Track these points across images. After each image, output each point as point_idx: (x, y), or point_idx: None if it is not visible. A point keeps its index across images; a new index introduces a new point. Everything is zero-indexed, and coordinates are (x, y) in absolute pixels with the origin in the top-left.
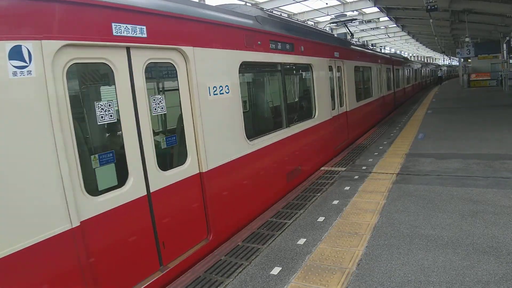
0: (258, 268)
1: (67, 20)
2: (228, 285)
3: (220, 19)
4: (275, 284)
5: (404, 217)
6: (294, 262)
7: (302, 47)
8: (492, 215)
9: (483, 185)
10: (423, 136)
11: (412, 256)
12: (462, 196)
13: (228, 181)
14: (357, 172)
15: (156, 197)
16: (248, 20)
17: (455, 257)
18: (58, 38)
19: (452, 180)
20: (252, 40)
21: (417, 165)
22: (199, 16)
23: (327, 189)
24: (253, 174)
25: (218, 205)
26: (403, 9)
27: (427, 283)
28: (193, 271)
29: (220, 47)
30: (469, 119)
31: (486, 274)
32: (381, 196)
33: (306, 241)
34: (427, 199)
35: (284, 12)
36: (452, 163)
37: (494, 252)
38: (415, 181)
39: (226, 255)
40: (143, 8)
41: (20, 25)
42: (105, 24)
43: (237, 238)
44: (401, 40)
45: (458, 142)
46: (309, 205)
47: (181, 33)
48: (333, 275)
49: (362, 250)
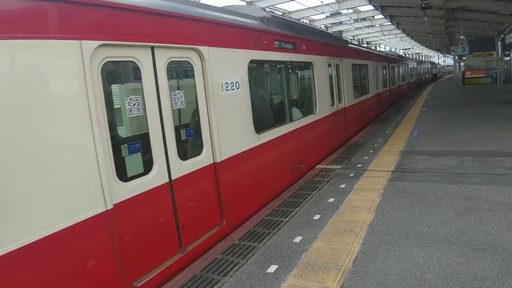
0: (255, 266)
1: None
2: (225, 283)
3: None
4: (271, 282)
5: (399, 214)
6: (290, 260)
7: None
8: (487, 212)
9: (478, 182)
10: (418, 133)
11: (407, 253)
12: (457, 193)
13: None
14: (353, 170)
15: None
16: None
17: (450, 254)
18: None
19: (447, 177)
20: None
21: (412, 162)
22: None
23: (323, 187)
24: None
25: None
26: (398, 7)
27: (422, 280)
28: (190, 270)
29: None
30: (464, 116)
31: (481, 270)
32: (376, 194)
33: (302, 239)
34: (422, 196)
35: (279, 10)
36: (447, 160)
37: (489, 249)
38: (410, 178)
39: (223, 253)
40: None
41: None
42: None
43: (233, 237)
44: (396, 38)
45: (453, 139)
46: (305, 203)
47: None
48: (329, 273)
49: (358, 247)
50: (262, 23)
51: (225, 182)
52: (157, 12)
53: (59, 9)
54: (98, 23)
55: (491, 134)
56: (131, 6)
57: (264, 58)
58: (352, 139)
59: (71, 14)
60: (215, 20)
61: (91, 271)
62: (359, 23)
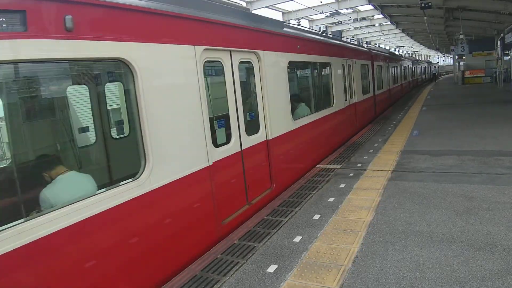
0: (255, 266)
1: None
2: (225, 283)
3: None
4: (271, 282)
5: (399, 214)
6: (290, 259)
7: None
8: (486, 212)
9: (478, 182)
10: (417, 133)
11: (407, 253)
12: (456, 193)
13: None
14: (352, 169)
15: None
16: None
17: (450, 253)
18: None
19: (447, 177)
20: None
21: (412, 162)
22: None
23: (323, 186)
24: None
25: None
26: (397, 7)
27: (422, 279)
28: (190, 270)
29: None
30: (464, 115)
31: (481, 270)
32: (376, 193)
33: (302, 238)
34: (422, 196)
35: (279, 10)
36: (446, 160)
37: (489, 248)
38: (410, 178)
39: (223, 253)
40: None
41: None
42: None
43: (233, 237)
44: (396, 38)
45: (453, 138)
46: (304, 202)
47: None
48: (329, 272)
49: (357, 247)
50: (295, 31)
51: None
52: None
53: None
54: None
55: (491, 134)
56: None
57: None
58: (352, 138)
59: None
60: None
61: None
62: (359, 23)
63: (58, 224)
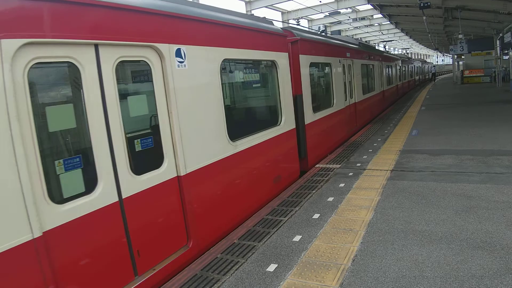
0: (254, 265)
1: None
2: (225, 282)
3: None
4: (271, 281)
5: (398, 213)
6: (289, 259)
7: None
8: (485, 211)
9: (477, 181)
10: (417, 132)
11: (406, 252)
12: (455, 192)
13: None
14: (352, 169)
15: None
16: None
17: (449, 252)
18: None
19: (446, 176)
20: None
21: (411, 161)
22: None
23: (322, 186)
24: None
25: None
26: (397, 6)
27: (421, 278)
28: (189, 269)
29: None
30: (463, 115)
31: (480, 268)
32: (375, 193)
33: (302, 238)
34: (421, 195)
35: (278, 10)
36: (445, 159)
37: (488, 247)
38: (409, 177)
39: (222, 252)
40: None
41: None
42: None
43: (233, 236)
44: (395, 37)
45: (452, 138)
46: (304, 202)
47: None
48: (329, 271)
49: (357, 246)
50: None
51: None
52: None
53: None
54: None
55: (490, 133)
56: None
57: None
58: (352, 138)
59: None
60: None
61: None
62: (358, 23)
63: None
